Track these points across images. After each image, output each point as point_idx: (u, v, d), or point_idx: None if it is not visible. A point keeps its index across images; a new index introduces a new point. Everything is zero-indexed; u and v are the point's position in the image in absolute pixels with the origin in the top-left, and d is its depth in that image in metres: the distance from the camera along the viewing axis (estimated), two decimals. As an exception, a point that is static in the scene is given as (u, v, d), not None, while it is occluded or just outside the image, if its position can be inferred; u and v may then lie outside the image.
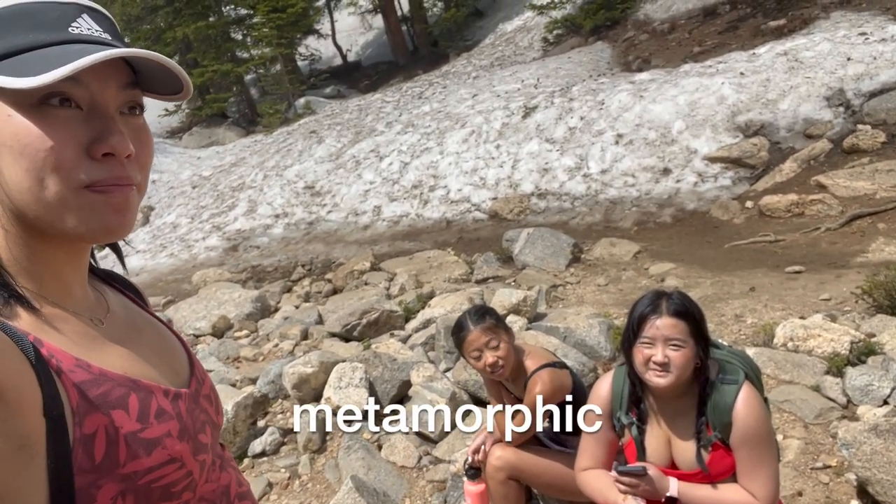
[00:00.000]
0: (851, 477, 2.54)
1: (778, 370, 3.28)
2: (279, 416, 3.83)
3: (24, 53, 0.60)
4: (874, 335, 3.41)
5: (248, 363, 4.83)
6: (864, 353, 3.22)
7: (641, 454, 1.83)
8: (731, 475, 1.76)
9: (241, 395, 3.69)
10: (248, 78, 19.84)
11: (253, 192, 11.15)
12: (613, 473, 1.80)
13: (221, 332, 5.75)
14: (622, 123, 8.70)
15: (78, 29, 0.63)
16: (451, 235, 8.17)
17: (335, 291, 6.66)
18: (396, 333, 4.66)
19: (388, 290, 6.02)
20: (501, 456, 2.36)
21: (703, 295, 4.57)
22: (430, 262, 6.75)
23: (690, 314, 1.73)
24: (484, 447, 2.45)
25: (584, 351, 3.79)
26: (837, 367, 3.17)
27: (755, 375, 1.85)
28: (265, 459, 3.48)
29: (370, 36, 23.43)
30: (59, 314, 0.67)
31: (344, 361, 3.78)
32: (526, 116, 9.74)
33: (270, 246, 9.39)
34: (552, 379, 2.21)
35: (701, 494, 1.75)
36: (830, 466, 2.67)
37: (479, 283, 5.82)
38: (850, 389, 3.02)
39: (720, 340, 2.12)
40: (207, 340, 5.60)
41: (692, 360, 1.73)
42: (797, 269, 5.00)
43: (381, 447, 3.34)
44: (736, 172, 7.52)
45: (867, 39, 8.28)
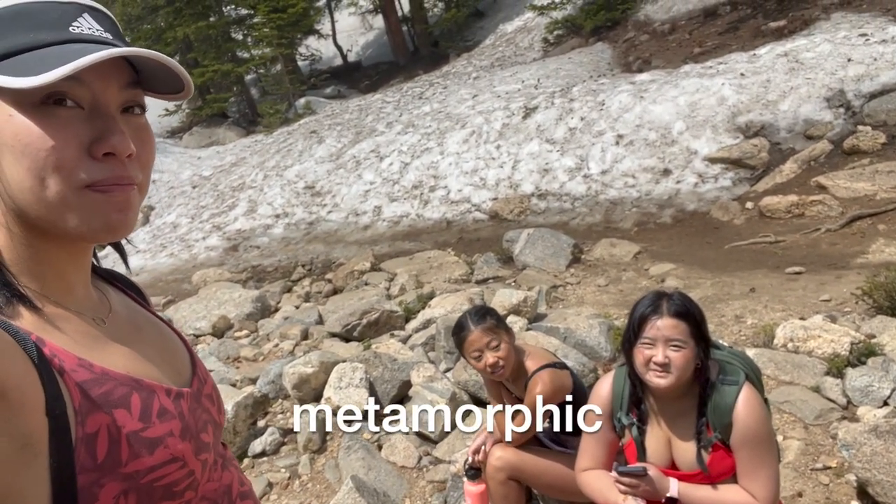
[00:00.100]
0: (851, 478, 2.54)
1: (778, 371, 3.28)
2: (279, 416, 3.83)
3: (24, 53, 0.60)
4: (874, 336, 3.41)
5: (248, 363, 4.83)
6: (864, 354, 3.22)
7: (642, 455, 1.83)
8: (731, 476, 1.76)
9: (241, 394, 3.69)
10: (248, 78, 19.83)
11: (253, 192, 11.14)
12: (614, 474, 1.80)
13: (221, 332, 5.75)
14: (622, 124, 8.70)
15: (79, 28, 0.63)
16: (451, 236, 8.17)
17: (335, 291, 6.65)
18: (396, 334, 4.66)
19: (388, 290, 6.01)
20: (502, 456, 2.36)
21: (703, 296, 4.57)
22: (430, 262, 6.75)
23: (691, 315, 1.73)
24: (484, 447, 2.45)
25: (584, 351, 3.79)
26: (837, 368, 3.17)
27: (755, 376, 1.85)
28: (265, 459, 3.48)
29: (371, 36, 23.43)
30: (61, 314, 0.67)
31: (344, 361, 3.78)
32: (526, 117, 9.73)
33: (270, 246, 9.38)
34: (552, 379, 2.21)
35: (701, 495, 1.75)
36: (830, 467, 2.67)
37: (479, 283, 5.82)
38: (850, 390, 3.02)
39: (720, 341, 2.12)
40: (207, 340, 5.60)
41: (693, 360, 1.73)
42: (797, 269, 5.00)
43: (381, 447, 3.34)
44: (736, 173, 7.52)
45: (867, 40, 8.28)
